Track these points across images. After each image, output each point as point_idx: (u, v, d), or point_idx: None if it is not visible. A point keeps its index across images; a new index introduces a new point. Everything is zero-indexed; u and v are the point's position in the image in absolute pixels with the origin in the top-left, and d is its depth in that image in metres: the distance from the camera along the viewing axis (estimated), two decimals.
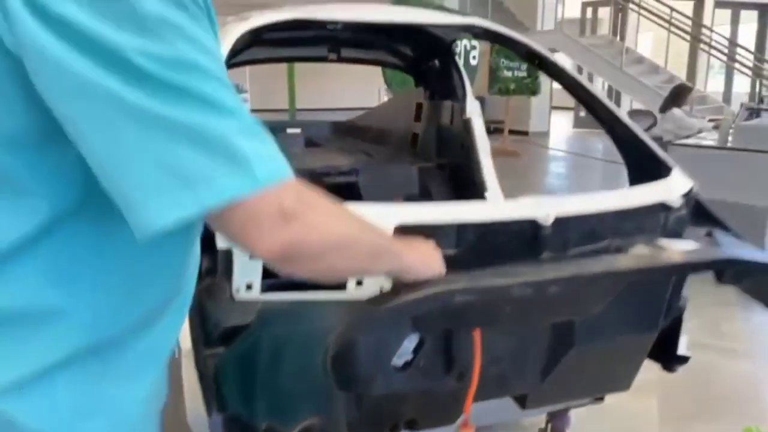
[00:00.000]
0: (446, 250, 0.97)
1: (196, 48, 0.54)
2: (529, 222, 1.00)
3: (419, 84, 2.86)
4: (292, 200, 0.57)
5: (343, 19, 1.57)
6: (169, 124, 0.51)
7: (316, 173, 2.37)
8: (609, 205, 1.09)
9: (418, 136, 2.84)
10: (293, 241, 0.58)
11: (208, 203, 0.52)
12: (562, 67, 1.79)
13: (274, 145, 0.58)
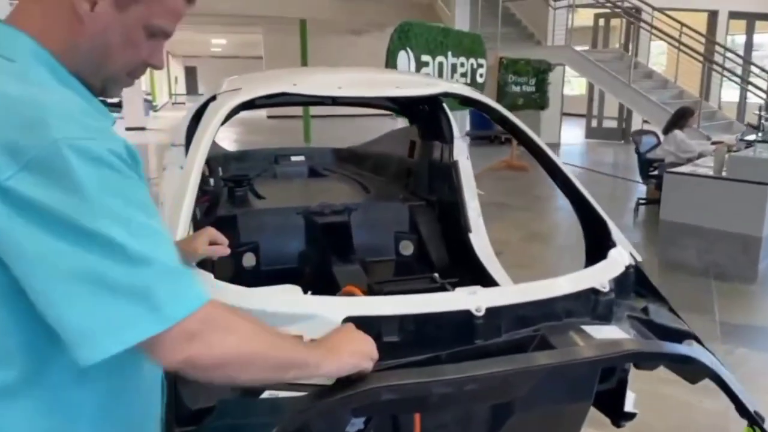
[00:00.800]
0: (390, 338, 1.10)
1: (127, 204, 0.69)
2: (464, 312, 1.13)
3: (413, 123, 2.98)
4: (196, 324, 0.70)
5: (324, 94, 1.70)
6: (96, 278, 0.65)
7: (312, 212, 2.49)
8: (539, 294, 1.21)
9: (412, 172, 2.97)
10: (192, 357, 0.70)
11: (129, 342, 0.66)
12: (531, 137, 1.90)
13: (187, 278, 0.72)
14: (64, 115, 0.69)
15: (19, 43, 0.76)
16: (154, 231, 0.71)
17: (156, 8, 0.82)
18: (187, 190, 1.44)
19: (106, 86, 0.86)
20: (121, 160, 0.71)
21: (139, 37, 0.83)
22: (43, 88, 0.72)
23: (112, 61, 0.83)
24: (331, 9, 12.15)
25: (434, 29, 6.05)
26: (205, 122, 1.59)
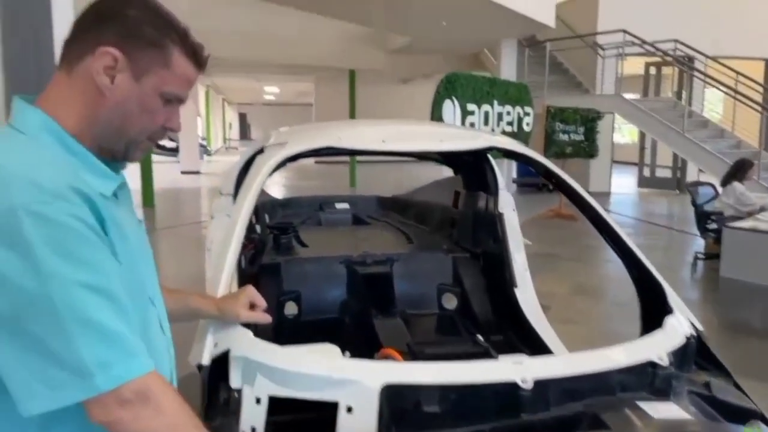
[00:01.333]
0: (429, 408, 1.05)
1: (76, 266, 0.73)
2: (509, 384, 1.06)
3: (457, 173, 2.96)
4: (129, 394, 0.75)
5: (368, 148, 1.71)
6: (34, 342, 0.71)
7: (354, 261, 2.48)
8: (591, 366, 1.13)
9: (456, 222, 2.93)
10: (117, 422, 0.75)
11: (60, 403, 0.72)
12: (579, 192, 1.84)
13: (126, 346, 0.76)
14: (29, 181, 0.73)
15: (32, 118, 0.84)
16: (100, 293, 0.75)
17: (168, 77, 0.89)
18: (232, 241, 1.46)
19: (128, 150, 0.92)
20: (82, 222, 0.75)
21: (155, 104, 0.90)
22: (33, 157, 0.79)
23: (131, 127, 0.89)
24: (381, 60, 12.51)
25: (480, 79, 6.10)
26: (252, 175, 1.62)
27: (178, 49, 0.90)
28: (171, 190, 12.31)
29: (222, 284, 1.39)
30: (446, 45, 11.13)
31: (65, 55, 0.87)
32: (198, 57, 0.93)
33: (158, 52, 0.88)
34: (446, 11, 8.16)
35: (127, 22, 0.87)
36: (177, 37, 0.90)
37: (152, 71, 0.88)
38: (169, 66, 0.89)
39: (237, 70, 16.56)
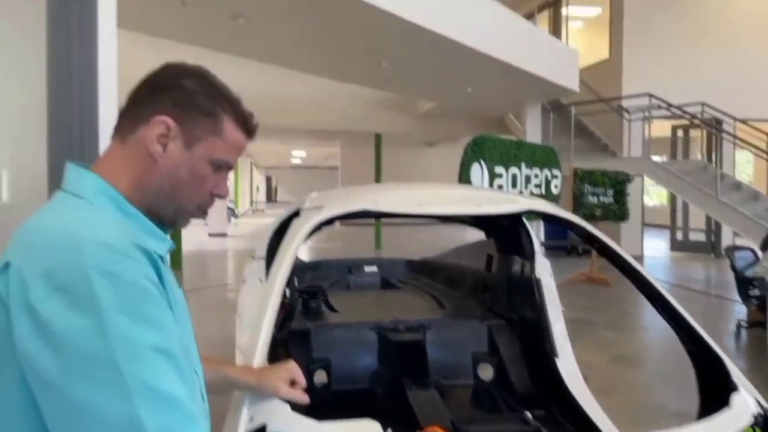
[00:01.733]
0: None
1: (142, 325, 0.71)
2: None
3: (489, 236, 2.89)
4: None
5: (405, 212, 1.68)
6: (92, 407, 0.67)
7: (385, 328, 2.39)
8: None
9: (489, 287, 2.83)
10: None
11: None
12: (623, 256, 1.76)
13: (184, 414, 0.72)
14: (97, 242, 0.74)
15: (88, 182, 0.85)
16: (165, 355, 0.73)
17: (219, 145, 0.91)
18: (268, 307, 1.42)
19: (176, 217, 0.92)
20: (150, 282, 0.75)
21: (205, 171, 0.91)
22: (96, 219, 0.80)
23: (181, 194, 0.90)
24: (406, 124, 12.77)
25: (507, 142, 6.14)
26: (288, 239, 1.59)
27: (229, 117, 0.92)
28: (198, 252, 12.44)
29: (259, 352, 1.35)
30: (471, 109, 11.34)
31: (120, 125, 0.90)
32: (248, 125, 0.95)
33: (210, 121, 0.90)
34: (471, 78, 8.33)
35: (181, 92, 0.89)
36: (229, 105, 0.92)
37: (203, 139, 0.90)
38: (220, 134, 0.91)
39: (265, 134, 17.05)
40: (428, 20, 5.62)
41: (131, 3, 4.53)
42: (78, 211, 0.81)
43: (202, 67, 0.95)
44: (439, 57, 6.89)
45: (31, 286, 0.70)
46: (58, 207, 0.83)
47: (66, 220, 0.78)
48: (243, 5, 5.00)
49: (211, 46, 6.59)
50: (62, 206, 0.83)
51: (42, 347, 0.68)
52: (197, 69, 0.94)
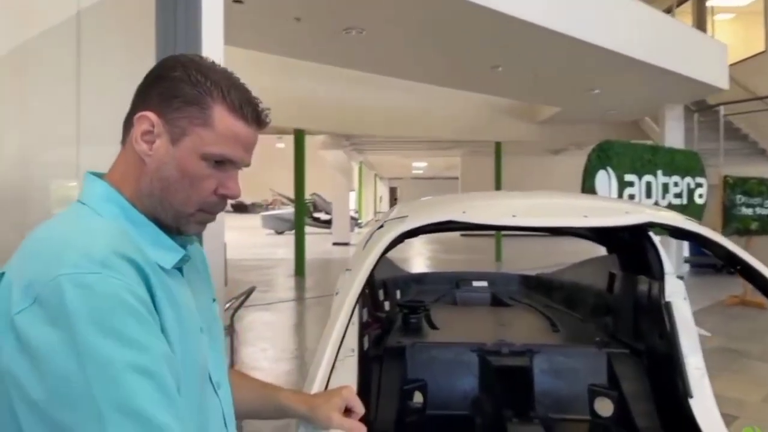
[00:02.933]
0: None
1: (117, 343, 0.65)
2: None
3: (611, 252, 2.57)
4: None
5: (496, 223, 1.49)
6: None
7: (488, 350, 2.19)
8: None
9: (611, 310, 2.51)
10: None
11: None
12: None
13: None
14: (79, 251, 0.69)
15: (95, 190, 0.82)
16: (144, 375, 0.67)
17: (209, 137, 0.81)
18: (335, 326, 1.32)
19: (178, 222, 0.84)
20: (131, 294, 0.69)
21: (197, 168, 0.81)
22: (91, 228, 0.75)
23: (174, 196, 0.82)
24: (528, 131, 12.27)
25: (640, 147, 5.58)
26: (367, 251, 1.49)
27: (220, 104, 0.81)
28: (322, 260, 12.90)
29: (321, 370, 1.24)
30: (601, 113, 10.60)
31: (123, 127, 0.85)
32: (245, 110, 0.82)
33: (196, 111, 0.80)
34: (601, 79, 7.77)
35: (166, 84, 0.81)
36: (218, 91, 0.81)
37: (189, 132, 0.80)
38: (210, 124, 0.80)
39: (387, 146, 17.39)
40: (550, 20, 5.33)
41: (247, 22, 4.77)
42: (78, 220, 0.77)
43: (197, 55, 0.86)
44: (563, 58, 6.52)
45: (15, 298, 0.66)
46: (63, 216, 0.79)
47: (61, 229, 0.74)
48: (356, 18, 5.07)
49: (325, 60, 6.80)
50: (67, 215, 0.79)
51: (25, 365, 0.64)
52: (189, 57, 0.85)
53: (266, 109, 0.87)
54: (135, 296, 0.70)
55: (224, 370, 0.94)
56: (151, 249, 0.80)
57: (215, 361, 0.90)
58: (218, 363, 0.92)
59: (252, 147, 0.86)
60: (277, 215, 20.31)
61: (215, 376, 0.89)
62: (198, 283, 0.94)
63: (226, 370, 0.95)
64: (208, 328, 0.91)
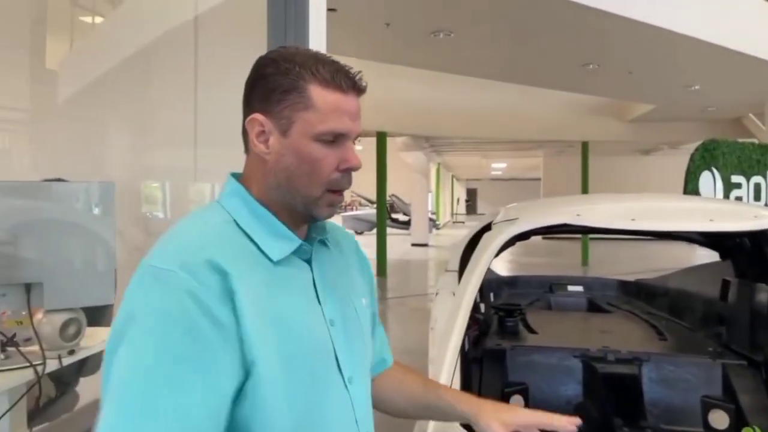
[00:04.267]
0: None
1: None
2: None
3: (725, 257, 2.43)
4: None
5: (614, 227, 1.47)
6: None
7: (592, 356, 2.15)
8: None
9: (725, 319, 2.38)
10: None
11: None
12: None
13: None
14: (151, 258, 0.76)
15: (227, 186, 0.88)
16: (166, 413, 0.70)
17: (314, 117, 0.82)
18: (456, 323, 1.36)
19: (308, 208, 0.86)
20: (189, 294, 0.72)
21: (313, 150, 0.83)
22: (195, 225, 0.83)
23: (300, 183, 0.85)
24: (617, 130, 11.76)
25: (748, 146, 5.20)
26: (479, 253, 1.51)
27: (313, 84, 0.83)
28: (402, 261, 13.02)
29: (446, 368, 1.28)
30: (698, 110, 9.98)
31: (242, 137, 0.89)
32: (337, 80, 0.83)
33: (295, 97, 0.82)
34: (700, 75, 7.33)
35: (263, 82, 0.84)
36: (308, 72, 0.83)
37: (295, 118, 0.83)
38: (311, 105, 0.82)
39: (465, 147, 17.24)
40: (649, 15, 5.10)
41: (339, 29, 4.92)
42: (195, 217, 0.84)
43: (281, 47, 0.88)
44: (661, 54, 6.21)
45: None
46: (193, 213, 0.87)
47: (177, 225, 0.82)
48: (444, 20, 5.09)
49: (413, 63, 6.86)
50: (195, 212, 0.87)
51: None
52: (275, 51, 0.87)
53: (358, 72, 0.87)
54: (192, 293, 0.73)
55: (360, 366, 0.93)
56: (265, 239, 0.83)
57: (348, 354, 0.89)
58: (353, 357, 0.90)
59: (357, 114, 0.86)
60: (357, 216, 20.70)
61: (348, 371, 0.88)
62: (337, 276, 0.94)
63: (363, 367, 0.94)
64: (343, 320, 0.90)
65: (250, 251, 0.82)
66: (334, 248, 0.97)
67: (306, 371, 0.81)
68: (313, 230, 0.92)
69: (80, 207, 1.92)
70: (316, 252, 0.91)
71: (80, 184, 1.92)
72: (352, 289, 0.97)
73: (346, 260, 1.00)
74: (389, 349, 1.13)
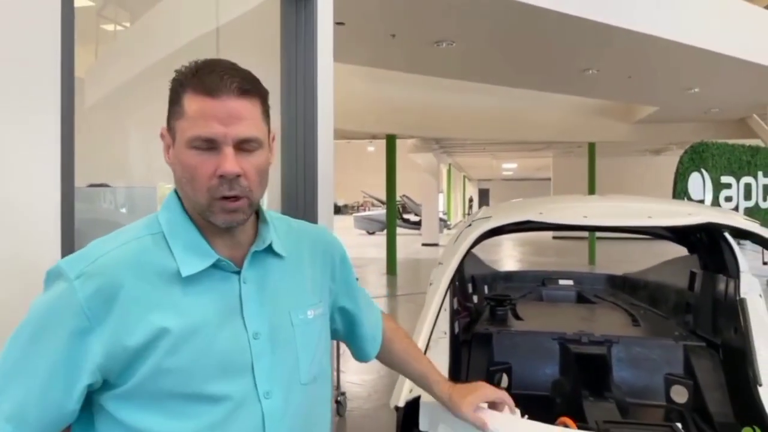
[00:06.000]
0: None
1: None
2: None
3: (692, 252, 2.70)
4: None
5: (569, 223, 1.74)
6: None
7: (568, 339, 2.42)
8: None
9: (692, 307, 2.64)
10: None
11: None
12: None
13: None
14: (80, 254, 0.85)
15: (166, 199, 0.92)
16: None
17: (186, 124, 0.82)
18: (432, 305, 1.62)
19: (206, 216, 0.86)
20: (70, 300, 0.79)
21: (188, 158, 0.82)
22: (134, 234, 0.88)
23: (188, 191, 0.85)
24: (623, 131, 11.91)
25: (738, 148, 5.40)
26: (456, 246, 1.78)
27: (187, 93, 0.82)
28: (412, 260, 13.25)
29: (425, 329, 1.52)
30: (701, 112, 10.11)
31: None
32: (205, 85, 0.81)
33: (176, 107, 0.84)
34: (698, 79, 7.49)
35: (169, 97, 0.86)
36: (186, 79, 0.83)
37: (176, 128, 0.84)
38: (184, 113, 0.82)
39: (477, 148, 17.40)
40: (644, 25, 5.29)
41: (347, 40, 5.19)
42: (127, 229, 0.90)
43: (193, 61, 0.86)
44: (659, 61, 6.39)
45: None
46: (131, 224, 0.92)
47: (104, 237, 0.89)
48: (447, 31, 5.35)
49: (417, 71, 7.11)
50: (135, 223, 0.92)
51: None
52: (185, 67, 0.85)
53: (239, 74, 0.83)
54: (72, 311, 0.79)
55: (285, 380, 0.90)
56: (182, 254, 0.84)
57: (269, 367, 0.87)
58: (275, 371, 0.88)
59: (231, 117, 0.81)
60: (368, 216, 20.95)
61: (264, 385, 0.86)
62: (279, 287, 0.93)
63: (290, 380, 0.91)
64: (270, 333, 0.89)
65: (163, 267, 0.84)
66: (291, 255, 0.96)
67: (192, 383, 0.82)
68: (257, 240, 0.92)
69: (126, 210, 2.19)
70: (257, 263, 0.91)
71: (127, 189, 2.20)
72: (295, 300, 0.95)
73: (301, 268, 0.98)
74: (380, 329, 1.19)
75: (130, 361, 0.80)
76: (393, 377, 1.44)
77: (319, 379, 0.97)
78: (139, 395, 0.81)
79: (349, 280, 1.11)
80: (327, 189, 2.20)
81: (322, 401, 1.00)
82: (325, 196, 2.19)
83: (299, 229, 1.04)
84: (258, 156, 0.85)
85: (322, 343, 1.00)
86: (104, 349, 0.79)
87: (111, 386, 0.82)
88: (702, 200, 4.87)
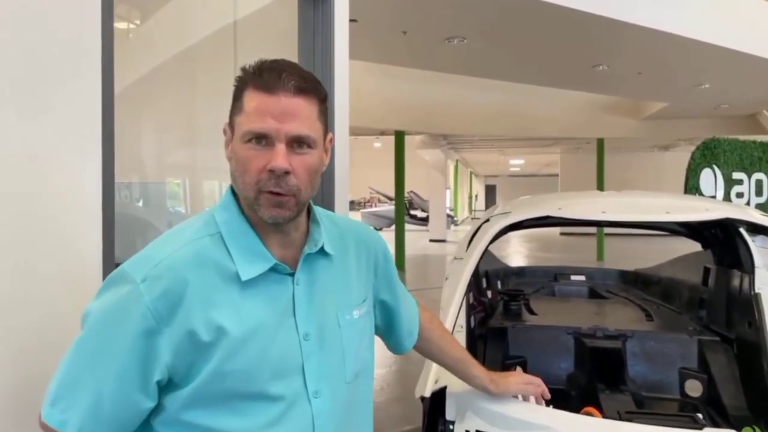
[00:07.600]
0: None
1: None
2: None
3: (706, 247, 2.72)
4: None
5: (588, 218, 1.77)
6: None
7: (583, 333, 2.44)
8: None
9: (705, 302, 2.66)
10: None
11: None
12: None
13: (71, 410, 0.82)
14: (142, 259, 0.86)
15: (222, 198, 0.94)
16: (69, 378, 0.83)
17: (243, 119, 0.85)
18: (453, 299, 1.66)
19: (254, 211, 0.88)
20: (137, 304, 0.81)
21: (244, 152, 0.85)
22: (169, 236, 0.90)
23: (240, 185, 0.87)
24: (632, 127, 11.87)
25: (750, 144, 5.40)
26: (476, 241, 1.81)
27: (248, 89, 0.85)
28: (420, 256, 13.29)
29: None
30: (711, 108, 10.07)
31: None
32: (263, 80, 0.84)
33: (238, 103, 0.87)
34: (708, 75, 7.47)
35: (235, 92, 0.89)
36: (248, 76, 0.86)
37: (236, 123, 0.87)
38: (242, 109, 0.85)
39: (484, 144, 17.38)
40: (654, 20, 5.29)
41: (359, 37, 5.23)
42: (181, 230, 0.91)
43: (258, 60, 0.88)
44: (668, 56, 6.38)
45: None
46: (186, 221, 0.94)
47: (161, 237, 0.91)
48: (458, 28, 5.37)
49: (428, 67, 7.13)
50: (189, 221, 0.93)
51: None
52: (250, 65, 0.88)
53: (297, 73, 0.85)
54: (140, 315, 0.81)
55: (333, 381, 0.92)
56: (241, 258, 0.86)
57: (318, 368, 0.90)
58: (323, 371, 0.90)
59: (285, 114, 0.83)
60: (375, 212, 20.98)
61: (313, 384, 0.89)
62: (329, 288, 0.95)
63: (338, 381, 0.94)
64: (319, 334, 0.91)
65: (223, 268, 0.86)
66: (337, 253, 0.98)
67: (253, 384, 0.85)
68: (309, 241, 0.94)
69: (148, 204, 2.26)
70: (308, 264, 0.93)
71: (141, 184, 2.26)
72: (342, 301, 0.97)
73: (347, 266, 1.01)
74: (417, 322, 1.22)
75: (195, 357, 0.83)
76: (405, 370, 1.48)
77: (361, 374, 1.00)
78: (201, 395, 0.84)
79: (390, 276, 1.13)
80: (343, 186, 2.23)
81: (365, 396, 1.02)
82: (341, 192, 2.22)
83: (343, 225, 1.05)
84: (310, 155, 0.87)
85: (366, 339, 1.02)
86: (171, 347, 0.82)
87: (175, 386, 0.85)
88: (713, 196, 4.88)
